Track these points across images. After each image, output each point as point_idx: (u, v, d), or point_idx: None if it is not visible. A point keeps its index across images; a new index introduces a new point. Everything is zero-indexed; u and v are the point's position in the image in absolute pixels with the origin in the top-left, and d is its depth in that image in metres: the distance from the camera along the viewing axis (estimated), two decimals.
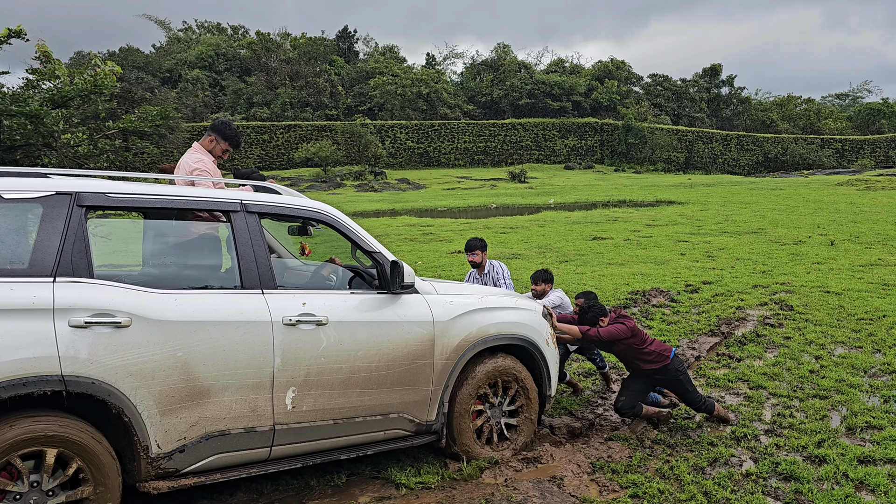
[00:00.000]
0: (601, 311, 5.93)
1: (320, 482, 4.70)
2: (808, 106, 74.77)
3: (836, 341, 8.06)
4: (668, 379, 5.79)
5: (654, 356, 5.76)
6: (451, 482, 4.72)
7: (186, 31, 73.09)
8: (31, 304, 3.38)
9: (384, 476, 4.80)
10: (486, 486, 4.65)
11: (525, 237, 18.52)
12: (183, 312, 3.80)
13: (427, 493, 4.56)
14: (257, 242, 4.24)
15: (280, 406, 4.12)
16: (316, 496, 4.53)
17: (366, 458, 5.02)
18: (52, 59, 10.92)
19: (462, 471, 4.82)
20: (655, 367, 5.76)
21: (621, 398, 5.82)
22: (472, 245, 7.03)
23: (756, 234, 18.31)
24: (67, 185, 3.75)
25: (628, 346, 5.78)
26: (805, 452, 5.17)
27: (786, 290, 10.90)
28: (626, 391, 5.86)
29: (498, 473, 4.82)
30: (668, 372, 5.77)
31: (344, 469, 4.85)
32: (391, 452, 5.00)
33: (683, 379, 5.79)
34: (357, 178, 44.99)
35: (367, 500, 4.46)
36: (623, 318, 5.86)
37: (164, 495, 4.28)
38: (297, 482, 4.69)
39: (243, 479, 4.65)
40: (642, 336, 5.83)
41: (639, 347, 5.77)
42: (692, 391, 5.80)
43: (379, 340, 4.48)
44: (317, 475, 4.77)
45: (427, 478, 4.73)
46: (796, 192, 32.22)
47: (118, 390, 3.55)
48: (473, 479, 4.75)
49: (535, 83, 63.30)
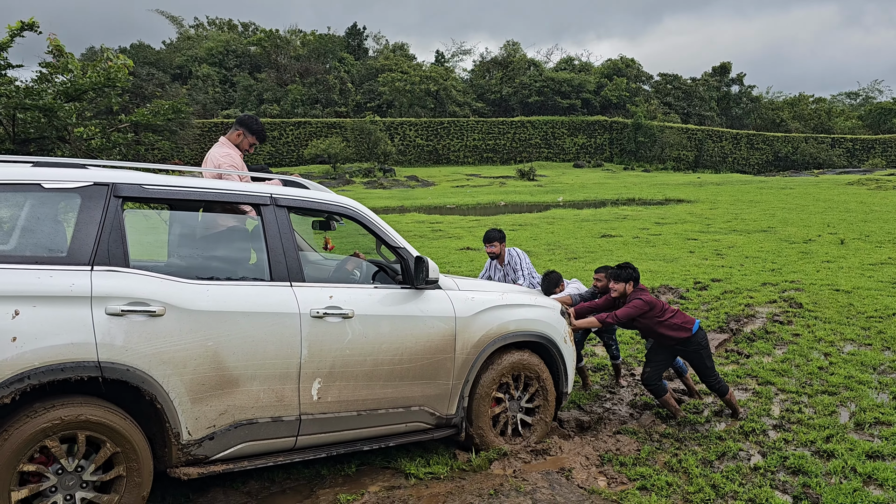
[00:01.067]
0: (627, 276, 5.92)
1: (331, 471, 4.75)
2: (819, 105, 74.40)
3: (845, 338, 8.06)
4: (690, 351, 5.81)
5: (677, 327, 5.78)
6: (461, 472, 4.76)
7: (197, 27, 73.33)
8: (69, 291, 3.45)
9: (394, 466, 4.84)
10: (496, 476, 4.69)
11: (534, 234, 18.54)
12: (214, 303, 3.87)
13: (437, 483, 4.60)
14: (286, 236, 4.31)
15: (306, 396, 4.19)
16: (327, 485, 4.57)
17: (376, 448, 5.06)
18: (65, 53, 11.02)
19: (471, 461, 4.86)
20: (678, 337, 5.78)
21: (647, 369, 5.88)
22: (491, 236, 7.00)
23: (766, 232, 18.26)
24: (105, 176, 3.83)
25: (648, 319, 5.81)
26: (813, 447, 5.18)
27: (795, 287, 10.89)
28: (651, 363, 5.91)
29: (507, 465, 4.85)
30: (690, 344, 5.79)
31: (355, 459, 4.90)
32: (401, 443, 5.04)
33: (704, 354, 5.81)
34: (366, 175, 45.08)
35: (377, 489, 4.51)
36: (639, 292, 5.87)
37: (179, 482, 4.34)
38: (309, 471, 4.74)
39: (256, 468, 4.71)
40: (662, 307, 5.84)
41: (660, 319, 5.79)
42: (710, 367, 5.83)
43: (402, 334, 4.54)
44: (328, 464, 4.82)
45: (437, 468, 4.77)
46: (806, 192, 32.10)
47: (151, 377, 3.62)
48: (483, 469, 4.78)
49: (545, 80, 63.22)
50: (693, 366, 5.91)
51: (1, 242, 3.86)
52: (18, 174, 3.61)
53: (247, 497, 4.40)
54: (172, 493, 4.32)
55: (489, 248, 7.02)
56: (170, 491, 4.33)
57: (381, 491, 4.48)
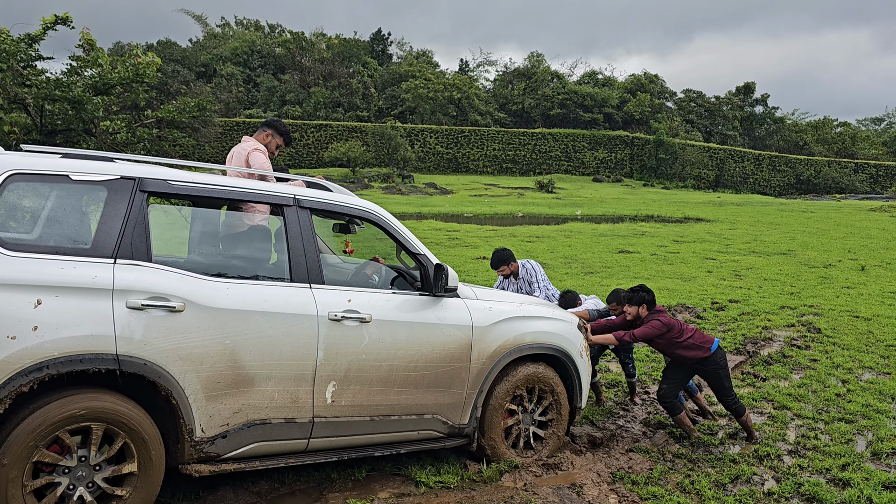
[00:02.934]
0: (640, 299, 5.87)
1: (341, 475, 4.74)
2: (844, 129, 73.67)
3: (863, 366, 7.96)
4: (709, 371, 5.77)
5: (695, 346, 5.73)
6: (471, 483, 4.73)
7: (224, 27, 73.92)
8: (91, 283, 3.48)
9: (404, 473, 4.83)
10: (506, 489, 4.66)
11: (551, 247, 18.48)
12: (233, 301, 3.89)
13: (446, 493, 4.57)
14: (308, 237, 4.32)
15: (320, 399, 4.19)
16: (337, 489, 4.57)
17: (388, 455, 5.05)
18: (96, 48, 11.14)
19: (482, 473, 4.83)
20: (696, 357, 5.73)
21: (663, 386, 5.84)
22: (502, 258, 6.67)
23: (785, 255, 18.10)
24: (132, 171, 3.86)
25: (667, 341, 5.76)
26: (829, 475, 5.11)
27: (814, 312, 10.77)
28: (667, 380, 5.87)
29: (518, 478, 4.82)
30: (708, 363, 5.75)
31: (365, 464, 4.89)
32: (412, 451, 5.02)
33: (723, 374, 5.77)
34: (385, 181, 45.16)
35: (386, 496, 4.49)
36: (657, 314, 5.82)
37: (190, 480, 4.35)
38: (319, 474, 4.74)
39: (267, 468, 4.71)
40: (680, 327, 5.79)
41: (678, 340, 5.74)
42: (728, 388, 5.78)
43: (418, 341, 4.54)
44: (338, 469, 4.81)
45: (447, 477, 4.75)
46: (827, 216, 31.80)
47: (168, 373, 3.64)
48: (493, 481, 4.76)
49: (568, 93, 63.08)
50: (711, 385, 5.86)
51: (26, 232, 3.90)
52: (47, 165, 3.64)
53: (256, 497, 4.40)
54: (183, 490, 4.33)
55: (501, 271, 6.78)
56: (181, 488, 4.34)
57: (390, 498, 4.47)
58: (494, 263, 6.80)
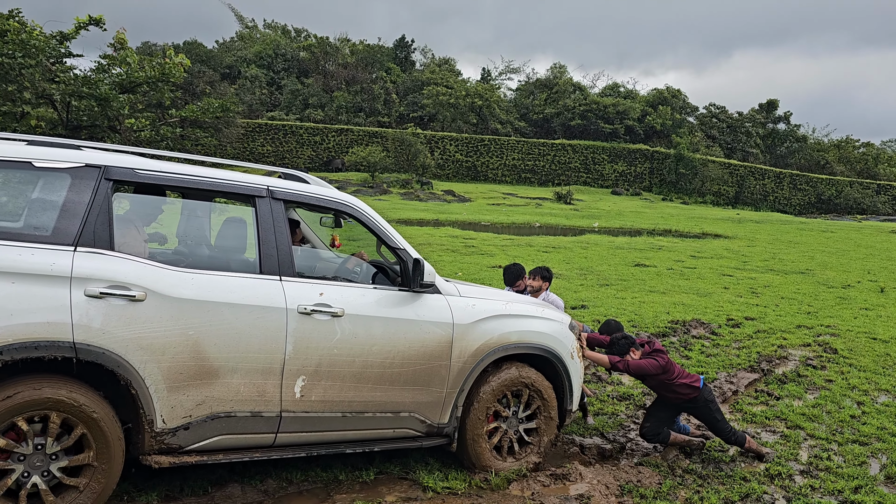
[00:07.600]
0: (631, 342, 5.84)
1: (349, 477, 4.76)
2: (867, 150, 72.99)
3: (880, 388, 7.86)
4: (699, 407, 5.71)
5: (685, 389, 5.67)
6: (478, 490, 4.73)
7: (252, 29, 74.57)
8: (49, 270, 3.47)
9: (412, 477, 4.83)
10: (513, 497, 4.65)
11: (567, 258, 18.44)
12: (198, 291, 3.85)
13: (453, 499, 4.58)
14: (280, 229, 4.26)
15: (288, 393, 4.15)
16: (344, 490, 4.58)
17: (395, 458, 5.06)
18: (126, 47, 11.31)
19: (489, 480, 4.83)
20: (687, 397, 5.70)
21: (646, 424, 5.76)
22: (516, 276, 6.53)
23: (803, 274, 17.94)
24: (97, 158, 3.84)
25: (659, 381, 5.72)
26: (841, 497, 5.06)
27: (831, 332, 10.66)
28: (651, 418, 5.79)
29: (525, 486, 4.82)
30: (697, 402, 5.69)
31: (373, 466, 4.91)
32: (420, 455, 5.03)
33: (713, 407, 5.71)
34: (403, 186, 45.28)
35: (393, 500, 4.50)
36: (656, 353, 5.74)
37: (193, 472, 4.38)
38: (327, 475, 4.76)
39: (274, 467, 4.74)
40: (673, 370, 5.73)
41: (670, 382, 5.69)
42: (721, 420, 5.71)
43: (395, 337, 4.47)
44: (346, 470, 4.83)
45: (454, 483, 4.75)
46: (847, 236, 31.47)
47: (128, 362, 3.62)
48: (501, 489, 4.75)
49: (589, 104, 62.94)
50: (703, 421, 5.78)
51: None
52: (10, 151, 3.63)
53: (263, 495, 4.43)
54: (191, 486, 4.36)
55: (517, 287, 6.61)
56: (189, 483, 4.38)
57: (397, 502, 4.48)
58: (509, 280, 6.67)
